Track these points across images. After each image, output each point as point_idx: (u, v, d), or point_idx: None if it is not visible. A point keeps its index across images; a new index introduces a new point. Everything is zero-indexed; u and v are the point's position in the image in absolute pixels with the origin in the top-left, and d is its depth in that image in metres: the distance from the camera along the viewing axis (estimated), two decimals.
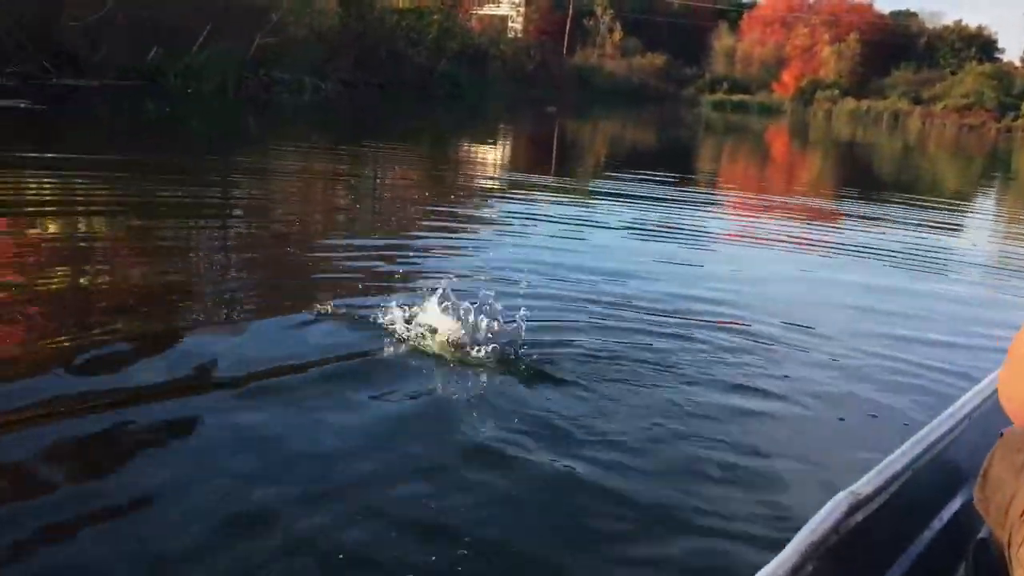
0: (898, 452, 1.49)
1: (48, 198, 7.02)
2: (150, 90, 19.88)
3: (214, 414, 2.95)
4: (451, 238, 6.67)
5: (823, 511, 1.29)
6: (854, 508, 1.33)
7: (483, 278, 5.12)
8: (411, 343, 3.71)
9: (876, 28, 61.32)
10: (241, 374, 3.27)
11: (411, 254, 5.98)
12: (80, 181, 7.70)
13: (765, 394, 3.56)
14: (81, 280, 4.64)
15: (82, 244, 5.55)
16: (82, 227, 6.03)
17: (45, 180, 7.63)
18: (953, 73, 57.44)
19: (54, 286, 4.43)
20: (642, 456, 2.85)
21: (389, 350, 3.65)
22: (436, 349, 3.68)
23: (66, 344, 3.49)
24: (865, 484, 1.38)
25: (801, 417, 3.38)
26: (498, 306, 4.15)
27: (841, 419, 3.39)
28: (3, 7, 17.25)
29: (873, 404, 3.56)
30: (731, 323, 4.60)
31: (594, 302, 4.80)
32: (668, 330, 4.33)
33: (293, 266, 5.32)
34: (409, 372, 3.45)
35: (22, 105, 13.33)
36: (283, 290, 4.71)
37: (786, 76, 58.35)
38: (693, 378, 3.63)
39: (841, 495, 1.34)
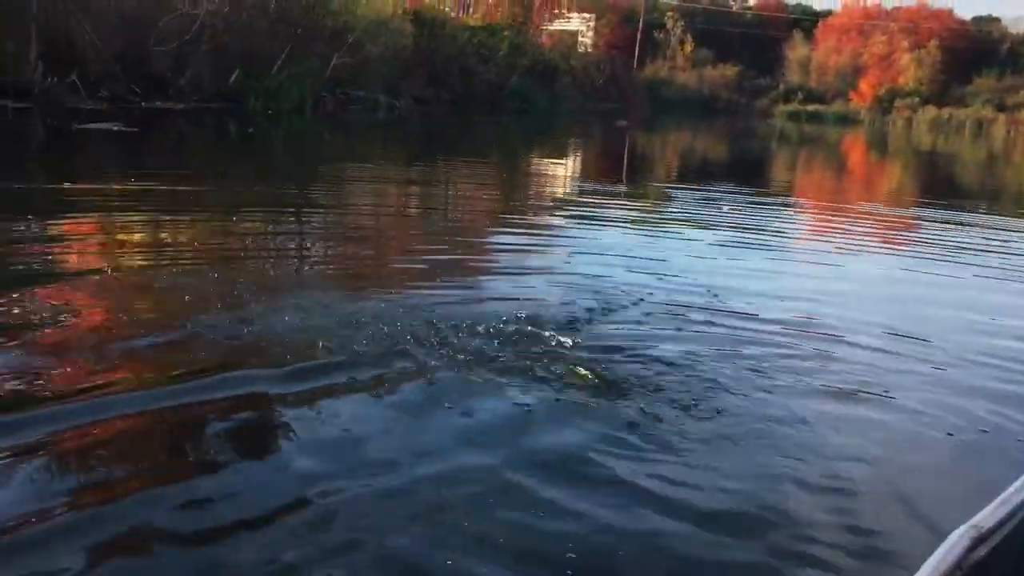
0: (1021, 481, 1.44)
1: (146, 208, 7.30)
2: (232, 111, 20.49)
3: (277, 401, 3.11)
4: (531, 248, 6.72)
5: (944, 546, 1.24)
6: (976, 542, 1.27)
7: (564, 285, 5.16)
8: (484, 351, 3.71)
9: (957, 34, 59.55)
10: (302, 368, 3.41)
11: (487, 262, 6.05)
12: (171, 193, 8.01)
13: (865, 407, 3.47)
14: (163, 273, 4.86)
15: (169, 245, 5.78)
16: (173, 231, 6.27)
17: (141, 192, 7.95)
18: None
19: (136, 278, 4.68)
20: (731, 477, 2.75)
21: (460, 355, 3.64)
22: (513, 360, 3.65)
23: (141, 327, 3.82)
24: (987, 517, 1.32)
25: (906, 432, 3.28)
26: (576, 314, 4.21)
27: (950, 434, 3.25)
28: (95, 33, 17.99)
29: (983, 418, 3.42)
30: (825, 332, 4.51)
31: (679, 307, 4.78)
32: (759, 338, 4.27)
33: (370, 267, 5.44)
34: (480, 381, 3.42)
35: (114, 128, 13.88)
36: (359, 292, 4.69)
37: (863, 85, 56.97)
38: (787, 389, 3.57)
39: (962, 529, 1.29)
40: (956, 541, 1.26)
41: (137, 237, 6.21)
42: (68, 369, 3.34)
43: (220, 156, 13.07)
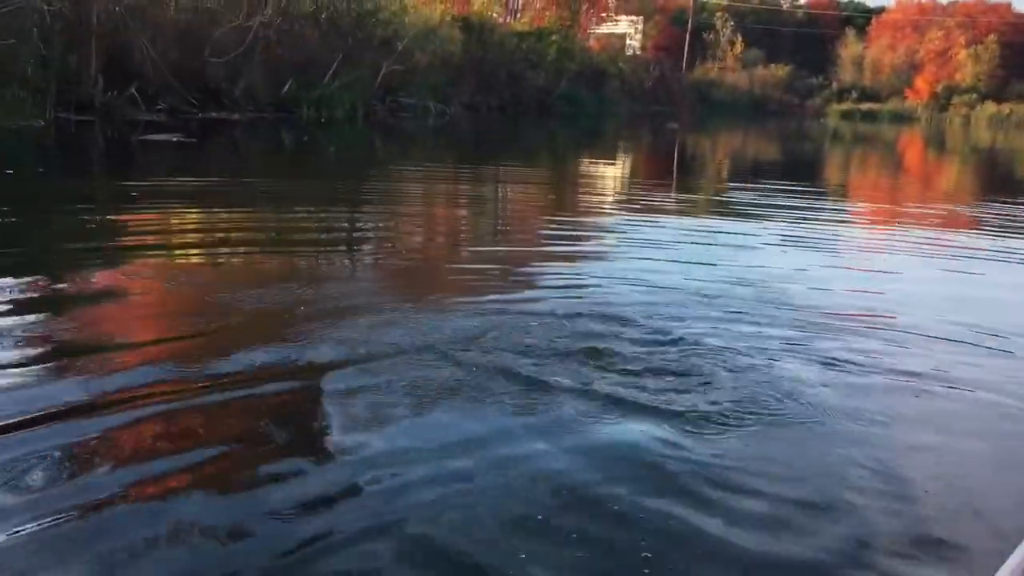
0: None
1: (213, 207, 7.47)
2: (285, 121, 20.83)
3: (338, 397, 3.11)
4: (585, 248, 6.72)
5: None
6: None
7: (621, 283, 5.14)
8: (538, 349, 3.69)
9: (1016, 29, 58.10)
10: (349, 365, 3.43)
11: (540, 264, 6.05)
12: (235, 195, 8.18)
13: (942, 402, 3.39)
14: (221, 270, 4.94)
15: (234, 243, 5.91)
16: (238, 230, 6.41)
17: (207, 194, 8.13)
18: None
19: (196, 272, 4.77)
20: (807, 474, 2.70)
21: (515, 354, 3.61)
22: (569, 355, 3.63)
23: (201, 324, 3.95)
24: None
25: (985, 428, 3.18)
26: (635, 312, 4.21)
27: None
28: (152, 47, 18.43)
29: None
30: (894, 327, 4.41)
31: (742, 302, 4.73)
32: (827, 333, 4.20)
33: (424, 265, 5.49)
34: (533, 376, 3.38)
35: (174, 139, 14.23)
36: (415, 290, 4.66)
37: (919, 82, 55.90)
38: (860, 385, 3.49)
39: None
40: None
41: (206, 235, 6.43)
42: (115, 350, 3.52)
43: (279, 163, 13.31)
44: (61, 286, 4.59)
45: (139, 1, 18.77)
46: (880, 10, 63.26)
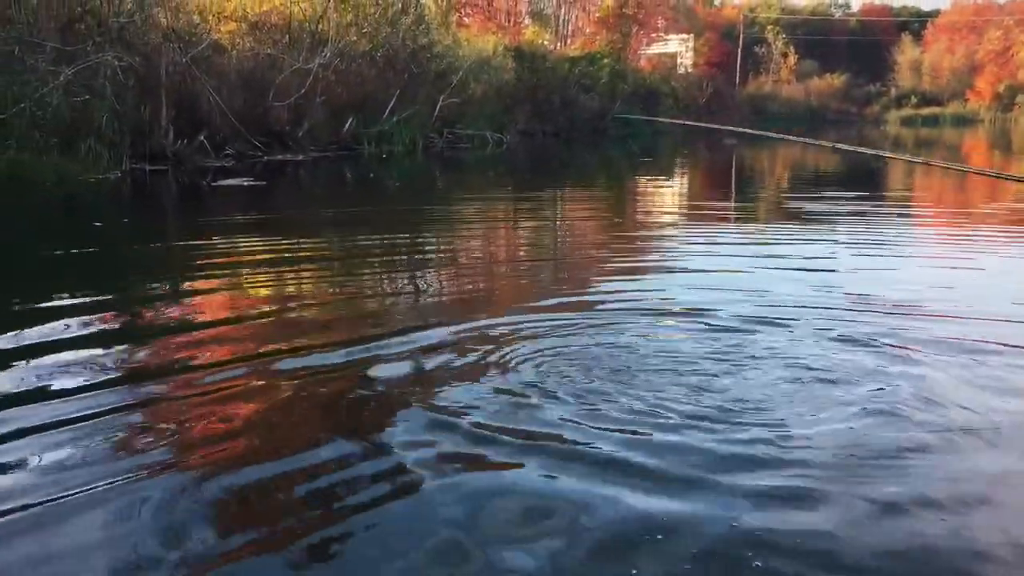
0: None
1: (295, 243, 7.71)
2: (348, 158, 21.28)
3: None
4: (668, 261, 6.74)
5: None
6: None
7: (701, 293, 5.14)
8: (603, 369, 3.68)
9: None
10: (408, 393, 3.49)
11: (605, 284, 6.10)
12: (318, 230, 8.43)
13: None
14: (294, 303, 5.10)
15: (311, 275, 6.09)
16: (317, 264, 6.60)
17: (289, 230, 8.38)
18: None
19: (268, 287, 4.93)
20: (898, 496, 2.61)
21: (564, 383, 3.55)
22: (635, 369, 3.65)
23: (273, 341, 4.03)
24: None
25: None
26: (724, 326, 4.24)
27: None
28: (218, 95, 19.02)
29: None
30: (982, 328, 4.30)
31: (832, 309, 4.73)
32: (921, 336, 4.14)
33: (488, 292, 5.56)
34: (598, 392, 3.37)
35: (245, 183, 14.65)
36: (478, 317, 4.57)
37: (980, 83, 54.75)
38: (964, 392, 3.42)
39: None
40: None
41: (281, 267, 6.61)
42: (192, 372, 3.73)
43: (353, 197, 13.66)
44: (161, 312, 4.78)
45: (203, 52, 19.40)
46: (935, 13, 62.22)
